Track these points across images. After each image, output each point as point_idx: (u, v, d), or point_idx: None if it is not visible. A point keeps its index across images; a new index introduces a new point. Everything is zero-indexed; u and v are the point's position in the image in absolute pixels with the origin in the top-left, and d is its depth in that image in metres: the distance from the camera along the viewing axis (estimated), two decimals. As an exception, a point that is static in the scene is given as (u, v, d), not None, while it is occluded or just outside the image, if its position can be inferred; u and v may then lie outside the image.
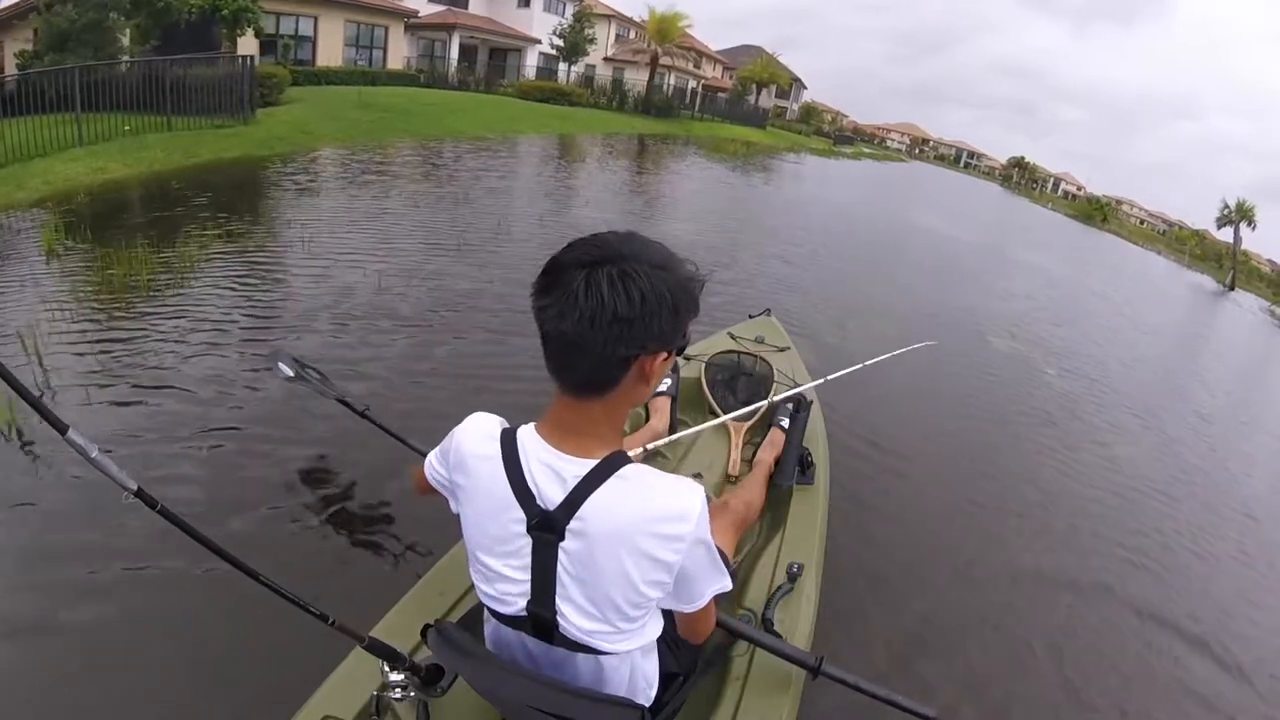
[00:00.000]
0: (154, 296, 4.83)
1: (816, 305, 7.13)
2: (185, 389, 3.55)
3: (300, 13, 21.84)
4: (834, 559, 2.42)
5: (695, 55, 43.49)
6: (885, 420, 4.53)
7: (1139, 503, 4.60)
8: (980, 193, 45.81)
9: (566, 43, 28.79)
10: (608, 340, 0.92)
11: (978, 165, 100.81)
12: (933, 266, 11.83)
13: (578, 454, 1.02)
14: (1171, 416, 6.92)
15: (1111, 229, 50.50)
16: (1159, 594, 3.51)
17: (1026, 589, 3.25)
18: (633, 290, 0.91)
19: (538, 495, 1.02)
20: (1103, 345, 9.25)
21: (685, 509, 1.00)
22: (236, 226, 6.89)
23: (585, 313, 0.91)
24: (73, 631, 2.14)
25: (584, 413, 1.02)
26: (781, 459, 2.39)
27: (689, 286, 0.99)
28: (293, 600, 1.04)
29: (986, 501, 4.02)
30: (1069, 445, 5.22)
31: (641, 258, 0.94)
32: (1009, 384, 6.31)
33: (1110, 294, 15.19)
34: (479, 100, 22.00)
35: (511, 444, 1.06)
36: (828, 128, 63.76)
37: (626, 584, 1.01)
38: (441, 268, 6.18)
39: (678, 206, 12.60)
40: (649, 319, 0.93)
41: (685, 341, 1.05)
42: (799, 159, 30.42)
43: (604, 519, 0.99)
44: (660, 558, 1.00)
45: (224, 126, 12.62)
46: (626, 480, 1.01)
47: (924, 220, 18.36)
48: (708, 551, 1.05)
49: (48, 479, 2.78)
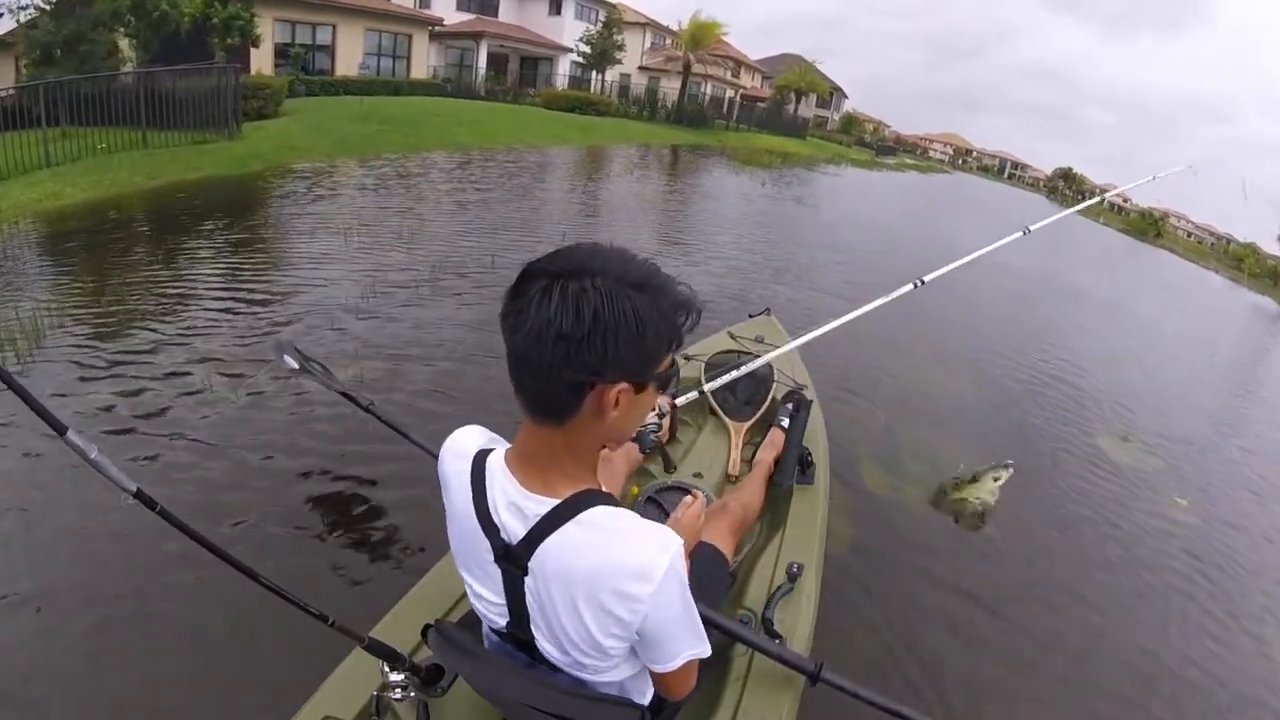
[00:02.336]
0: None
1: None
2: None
3: (317, 21, 20.57)
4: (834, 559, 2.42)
5: (733, 64, 41.70)
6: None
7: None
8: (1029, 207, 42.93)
9: (594, 49, 27.11)
10: (553, 360, 0.82)
11: (1022, 176, 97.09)
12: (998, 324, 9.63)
13: (540, 491, 0.93)
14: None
15: (1165, 245, 47.24)
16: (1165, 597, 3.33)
17: (1036, 594, 3.14)
18: (584, 308, 0.80)
19: (501, 529, 0.95)
20: (1221, 431, 6.96)
21: (647, 567, 0.87)
22: (131, 272, 5.48)
23: (533, 327, 0.82)
24: (73, 632, 2.09)
25: (546, 442, 0.92)
26: (781, 459, 2.32)
27: (669, 313, 0.87)
28: (292, 601, 1.03)
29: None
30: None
31: (611, 274, 0.83)
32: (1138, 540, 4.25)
33: (1194, 333, 12.81)
34: (498, 110, 20.37)
35: (480, 470, 0.98)
36: (869, 138, 61.28)
37: (585, 633, 0.93)
38: (341, 330, 4.47)
39: (663, 236, 9.50)
40: (601, 342, 0.81)
41: (663, 374, 0.92)
42: (839, 170, 28.01)
43: (558, 566, 0.91)
44: (617, 614, 0.89)
45: (205, 142, 11.40)
46: (586, 527, 0.90)
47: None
48: (680, 614, 0.93)
49: (47, 478, 2.72)
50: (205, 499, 2.69)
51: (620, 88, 31.73)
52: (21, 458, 2.85)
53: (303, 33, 20.42)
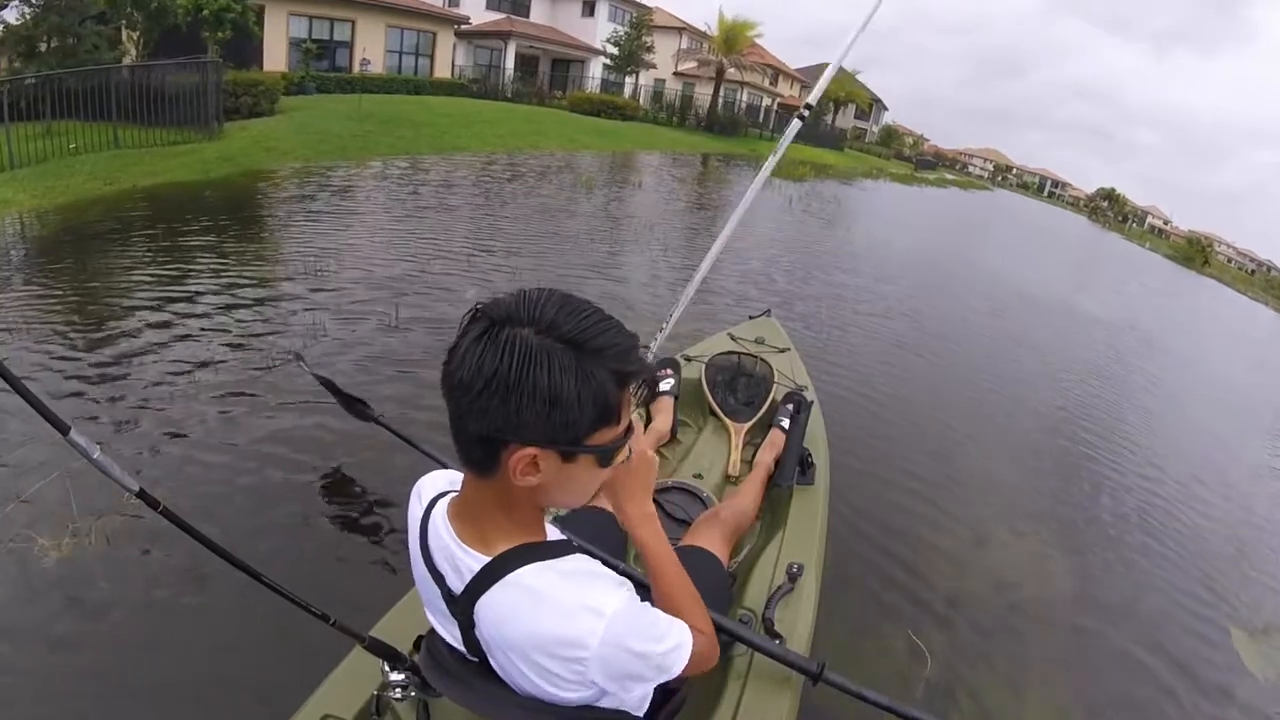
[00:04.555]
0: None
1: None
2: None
3: (335, 16, 19.44)
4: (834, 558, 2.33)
5: (770, 71, 39.95)
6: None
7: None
8: (1073, 230, 40.35)
9: (622, 51, 25.65)
10: (461, 409, 0.75)
11: (1062, 195, 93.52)
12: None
13: (475, 545, 0.85)
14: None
15: (1213, 273, 44.26)
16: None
17: (1043, 596, 3.04)
18: (490, 358, 0.71)
19: (445, 577, 0.89)
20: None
21: (577, 637, 0.80)
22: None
23: (454, 371, 0.75)
24: (73, 633, 2.04)
25: (480, 492, 0.84)
26: (782, 459, 2.29)
27: (589, 375, 0.73)
28: (293, 600, 1.03)
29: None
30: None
31: (541, 325, 0.73)
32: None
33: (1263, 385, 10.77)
34: (515, 112, 18.91)
35: (427, 519, 0.92)
36: (908, 151, 59.02)
37: (540, 689, 0.86)
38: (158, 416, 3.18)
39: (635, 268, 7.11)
40: (502, 397, 0.71)
41: (602, 448, 0.79)
42: (876, 185, 25.91)
43: (493, 630, 0.85)
44: (563, 675, 0.83)
45: (181, 143, 10.26)
46: (514, 589, 0.83)
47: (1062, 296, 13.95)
48: (631, 662, 0.83)
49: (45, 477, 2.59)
50: (205, 500, 2.64)
51: (654, 93, 30.28)
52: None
53: (320, 28, 19.31)
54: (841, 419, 3.82)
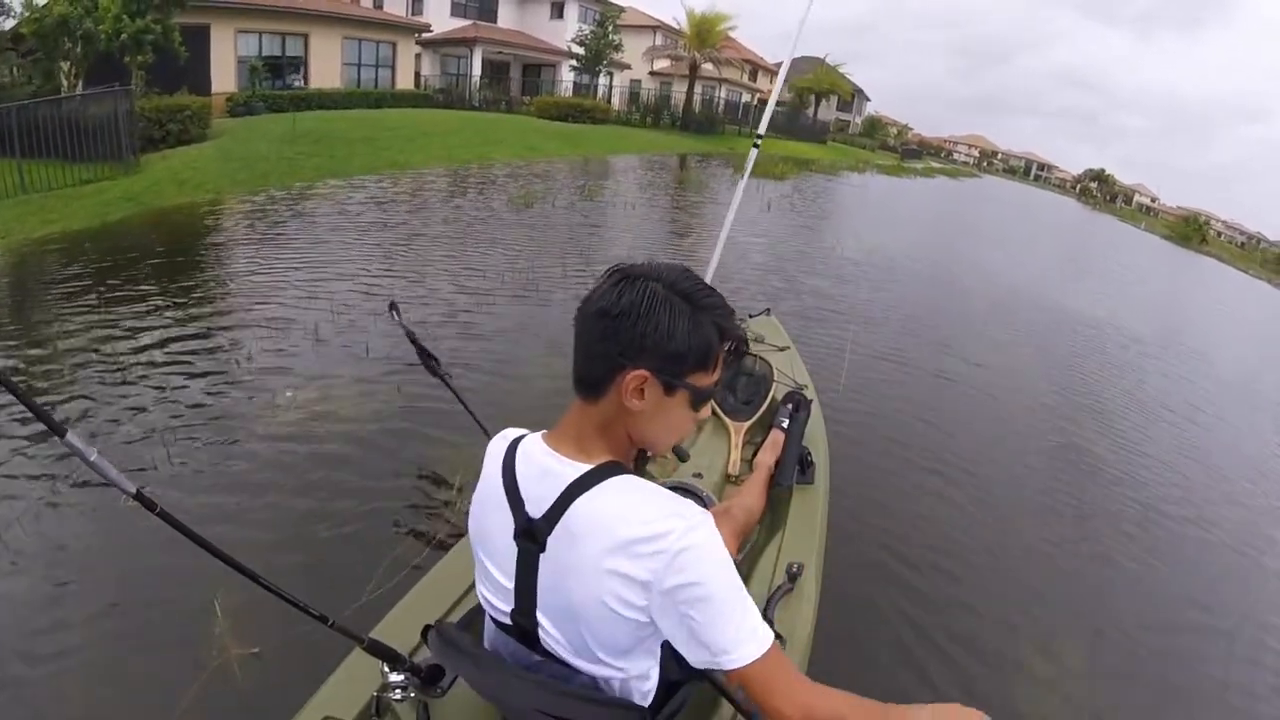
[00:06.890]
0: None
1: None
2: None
3: (286, 31, 18.24)
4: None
5: (749, 67, 38.70)
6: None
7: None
8: (1063, 213, 38.99)
9: (589, 50, 24.39)
10: (594, 334, 0.90)
11: (1048, 178, 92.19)
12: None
13: (574, 457, 0.93)
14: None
15: (1211, 251, 43.04)
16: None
17: (1049, 593, 2.95)
18: (627, 294, 0.89)
19: (526, 500, 0.95)
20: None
21: (664, 531, 0.85)
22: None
23: (591, 305, 0.91)
24: (73, 633, 2.05)
25: (585, 415, 0.95)
26: (782, 459, 2.21)
27: (699, 323, 0.90)
28: (293, 602, 0.99)
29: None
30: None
31: (665, 280, 0.91)
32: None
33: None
34: (473, 121, 17.62)
35: (514, 448, 0.99)
36: (893, 141, 57.75)
37: (599, 604, 0.88)
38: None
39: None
40: (631, 324, 0.87)
41: (698, 389, 0.93)
42: (863, 180, 24.39)
43: (586, 525, 0.89)
44: (633, 575, 0.86)
45: (95, 180, 9.13)
46: (611, 490, 0.90)
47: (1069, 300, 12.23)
48: (716, 592, 0.85)
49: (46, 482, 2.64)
50: (206, 500, 2.63)
51: (630, 94, 29.07)
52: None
53: (271, 44, 18.12)
54: (842, 419, 3.83)
